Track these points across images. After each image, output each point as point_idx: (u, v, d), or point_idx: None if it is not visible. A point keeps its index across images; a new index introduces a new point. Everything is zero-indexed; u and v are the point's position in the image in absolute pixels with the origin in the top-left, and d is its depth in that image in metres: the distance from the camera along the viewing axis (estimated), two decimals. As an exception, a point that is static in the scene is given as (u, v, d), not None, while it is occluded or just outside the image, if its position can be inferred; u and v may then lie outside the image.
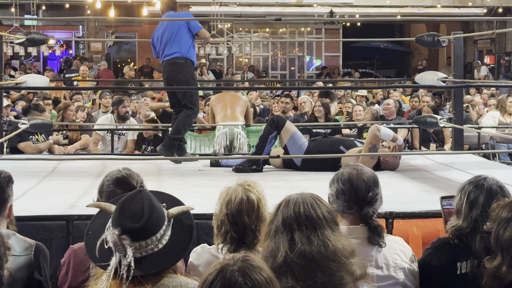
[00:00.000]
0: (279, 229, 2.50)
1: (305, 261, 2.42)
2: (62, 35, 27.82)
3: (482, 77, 23.16)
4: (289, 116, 10.69)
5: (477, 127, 10.23)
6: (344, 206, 3.21)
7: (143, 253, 2.38)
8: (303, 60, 29.18)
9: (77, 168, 6.95)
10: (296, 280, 2.39)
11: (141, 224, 2.37)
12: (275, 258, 2.44)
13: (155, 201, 2.46)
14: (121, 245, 2.35)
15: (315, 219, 2.51)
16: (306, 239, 2.46)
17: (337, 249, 2.47)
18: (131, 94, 13.61)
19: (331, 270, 2.43)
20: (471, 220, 3.16)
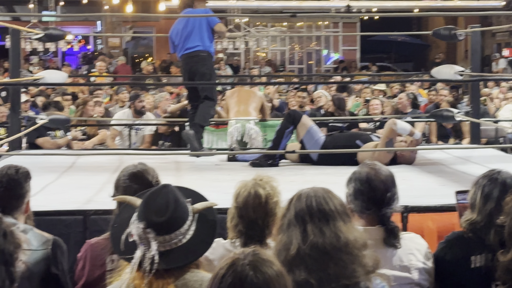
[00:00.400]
0: (292, 222, 2.52)
1: (318, 253, 2.43)
2: (80, 30, 27.94)
3: (501, 70, 23.00)
4: (306, 110, 10.69)
5: (494, 121, 10.19)
6: (362, 207, 3.20)
7: (167, 247, 2.40)
8: (320, 54, 29.13)
9: (95, 163, 6.99)
10: (309, 273, 2.40)
11: (165, 218, 2.40)
12: (288, 251, 2.45)
13: (180, 196, 2.49)
14: (146, 238, 2.38)
15: (327, 212, 2.52)
16: (319, 231, 2.47)
17: (349, 241, 2.48)
18: (148, 89, 13.66)
19: (344, 262, 2.43)
20: (486, 213, 3.16)
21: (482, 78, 8.94)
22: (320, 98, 11.26)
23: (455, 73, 7.61)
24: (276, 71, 25.37)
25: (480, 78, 8.19)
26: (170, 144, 9.81)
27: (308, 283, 2.39)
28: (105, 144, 9.70)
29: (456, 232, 3.39)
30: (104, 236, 3.27)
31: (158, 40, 27.53)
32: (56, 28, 8.70)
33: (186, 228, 2.45)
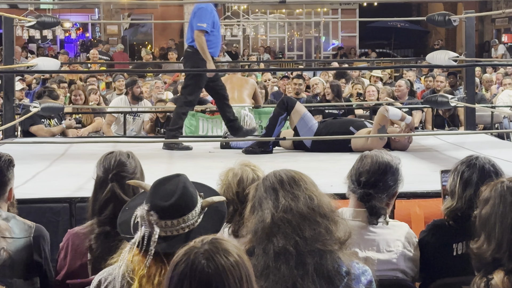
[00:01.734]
0: (263, 196, 2.50)
1: (292, 215, 2.42)
2: (78, 18, 27.88)
3: (500, 55, 22.96)
4: (302, 97, 10.66)
5: (490, 106, 10.17)
6: (349, 187, 3.26)
7: (168, 232, 2.41)
8: (319, 41, 29.07)
9: (88, 151, 6.96)
10: (286, 239, 2.38)
11: (169, 203, 2.41)
12: (264, 223, 2.43)
13: (190, 186, 2.48)
14: (148, 221, 2.39)
15: (298, 179, 2.52)
16: (291, 195, 2.47)
17: (322, 202, 2.48)
18: (145, 76, 13.65)
19: (318, 223, 2.42)
20: (465, 200, 3.16)
21: (476, 64, 8.91)
22: (317, 85, 11.22)
23: (450, 59, 7.57)
24: (275, 58, 25.33)
25: (474, 63, 8.16)
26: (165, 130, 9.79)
27: (286, 251, 2.37)
28: (100, 132, 9.68)
29: (437, 220, 3.39)
30: (87, 224, 3.25)
31: (156, 27, 27.49)
32: (49, 15, 8.68)
33: (192, 218, 2.44)
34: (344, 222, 2.51)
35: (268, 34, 28.36)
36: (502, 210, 2.53)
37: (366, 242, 3.17)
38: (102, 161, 3.29)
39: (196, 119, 9.57)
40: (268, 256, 2.37)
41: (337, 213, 2.51)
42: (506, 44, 24.70)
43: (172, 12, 26.05)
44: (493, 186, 2.61)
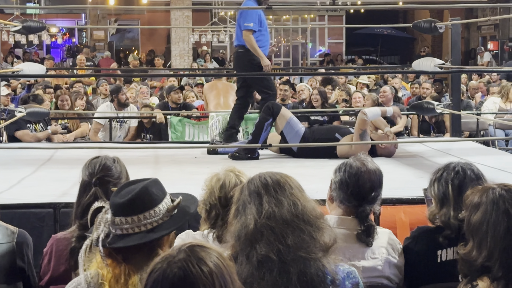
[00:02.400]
0: (247, 200, 2.46)
1: (275, 222, 2.38)
2: (64, 23, 27.80)
3: (485, 63, 23.07)
4: (288, 103, 10.67)
5: (475, 113, 10.21)
6: (343, 198, 3.21)
7: (124, 230, 2.42)
8: (306, 47, 29.12)
9: (74, 156, 6.94)
10: (268, 246, 2.34)
11: (124, 200, 2.42)
12: (247, 229, 2.40)
13: (155, 187, 2.49)
14: (103, 218, 2.43)
15: (282, 183, 2.47)
16: (275, 200, 2.42)
17: (306, 208, 2.44)
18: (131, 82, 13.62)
19: (302, 230, 2.38)
20: (451, 206, 3.16)
21: (462, 70, 8.94)
22: (303, 91, 11.24)
23: (436, 66, 7.60)
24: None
25: (460, 70, 8.19)
26: (151, 136, 9.78)
27: (268, 259, 2.33)
28: (86, 137, 9.65)
29: (421, 227, 3.38)
30: (71, 229, 3.23)
31: (143, 32, 27.46)
32: (35, 20, 8.65)
33: (150, 216, 2.44)
34: (329, 229, 2.47)
35: (255, 40, 28.35)
36: (494, 218, 2.51)
37: (351, 250, 3.16)
38: (87, 165, 3.28)
39: (182, 124, 9.55)
40: (252, 264, 2.34)
41: (322, 219, 2.47)
42: (492, 52, 24.83)
43: (159, 17, 26.03)
44: (483, 192, 2.59)
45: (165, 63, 20.74)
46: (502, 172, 5.53)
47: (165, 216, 2.48)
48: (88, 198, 3.14)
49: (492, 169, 5.44)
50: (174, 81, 13.08)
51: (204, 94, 9.41)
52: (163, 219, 2.47)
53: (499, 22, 25.53)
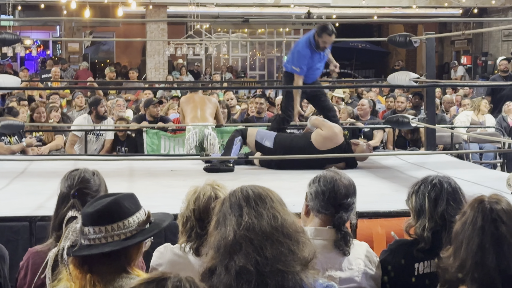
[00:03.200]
0: (227, 212, 2.46)
1: (254, 234, 2.37)
2: (39, 35, 27.69)
3: (459, 77, 23.27)
4: (264, 116, 10.69)
5: (450, 127, 10.29)
6: (320, 206, 3.23)
7: (91, 241, 2.43)
8: (281, 60, 29.19)
9: (49, 169, 6.89)
10: (247, 257, 2.34)
11: (93, 210, 2.44)
12: (226, 240, 2.39)
13: (127, 200, 2.50)
14: (72, 227, 2.48)
15: (264, 196, 2.47)
16: (255, 213, 2.41)
17: (286, 221, 2.43)
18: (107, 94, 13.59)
19: (280, 243, 2.37)
20: (438, 217, 3.19)
21: (436, 84, 9.01)
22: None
23: (411, 80, 7.65)
24: (237, 77, 25.38)
25: (434, 84, 8.25)
26: (126, 149, 9.74)
27: (246, 270, 2.33)
28: (61, 150, 9.58)
29: (399, 240, 3.41)
30: (47, 243, 3.21)
31: (118, 45, 27.38)
32: (9, 32, 8.61)
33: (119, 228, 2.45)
34: (309, 243, 2.47)
35: (230, 53, 28.44)
36: (470, 232, 2.53)
37: (328, 260, 3.18)
38: (66, 177, 3.27)
39: (158, 137, 9.54)
40: (230, 275, 2.33)
41: (302, 233, 2.47)
42: (465, 66, 25.05)
43: (134, 30, 25.99)
44: (474, 202, 2.62)
45: (140, 76, 20.69)
46: (476, 186, 5.57)
47: (135, 230, 2.48)
48: (66, 210, 3.12)
49: (466, 182, 5.48)
50: (149, 94, 13.07)
51: (180, 107, 9.39)
52: (131, 232, 2.47)
53: (472, 37, 25.78)
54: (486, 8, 23.39)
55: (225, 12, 23.86)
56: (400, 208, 4.49)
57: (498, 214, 2.56)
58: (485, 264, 2.48)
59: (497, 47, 24.48)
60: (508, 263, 2.48)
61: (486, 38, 25.32)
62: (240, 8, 23.75)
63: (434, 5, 23.00)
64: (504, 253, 2.50)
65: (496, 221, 2.54)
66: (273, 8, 23.82)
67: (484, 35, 25.22)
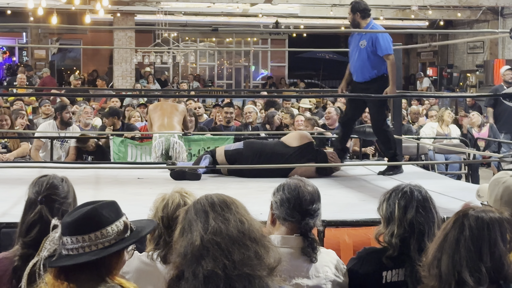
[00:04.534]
0: (193, 219, 2.45)
1: (221, 238, 2.37)
2: (5, 41, 27.44)
3: (425, 88, 23.51)
4: (232, 125, 10.70)
5: (416, 138, 10.37)
6: (286, 214, 3.24)
7: (69, 251, 2.42)
8: (249, 70, 29.26)
9: (14, 176, 6.83)
10: (214, 262, 2.34)
11: (70, 220, 2.43)
12: (193, 245, 2.38)
13: (108, 210, 2.49)
14: (51, 237, 2.45)
15: (230, 202, 2.48)
16: (222, 217, 2.42)
17: (253, 226, 2.44)
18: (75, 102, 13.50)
19: (248, 247, 2.38)
20: (407, 223, 3.22)
21: (403, 95, 9.09)
22: (250, 114, 11.30)
23: (377, 90, 7.68)
24: (204, 86, 25.38)
25: (402, 95, 8.32)
26: (93, 157, 9.68)
27: (214, 274, 2.33)
28: (27, 157, 9.49)
29: (367, 248, 3.44)
30: (13, 250, 3.17)
31: (85, 52, 27.26)
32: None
33: (96, 238, 2.44)
34: (275, 249, 2.48)
35: (198, 62, 28.44)
36: (454, 246, 2.51)
37: (295, 268, 3.18)
38: (34, 183, 3.24)
39: (125, 145, 9.50)
40: (198, 280, 2.33)
41: (267, 239, 2.48)
42: (431, 78, 25.31)
43: (101, 38, 25.88)
44: (457, 214, 2.61)
45: (107, 84, 20.60)
46: (442, 196, 5.62)
47: (113, 239, 2.47)
48: (33, 216, 3.10)
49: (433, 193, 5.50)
50: (116, 102, 13.02)
51: (148, 115, 9.37)
52: (110, 242, 2.45)
53: (438, 49, 26.07)
54: (452, 21, 23.65)
55: (193, 20, 23.87)
56: (367, 217, 4.53)
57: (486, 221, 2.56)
58: None
59: (462, 59, 24.78)
60: None
61: (452, 50, 25.61)
62: (208, 17, 23.78)
63: (400, 17, 23.19)
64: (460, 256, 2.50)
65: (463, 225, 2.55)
66: (241, 17, 23.88)
67: (449, 47, 25.52)
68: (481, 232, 2.48)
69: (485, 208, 2.63)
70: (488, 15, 22.34)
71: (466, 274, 2.43)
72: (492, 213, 2.55)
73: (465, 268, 2.43)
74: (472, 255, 2.45)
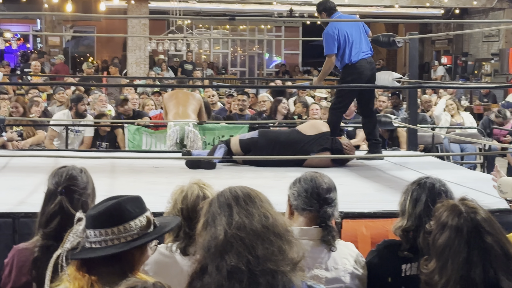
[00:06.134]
0: (217, 212, 2.44)
1: (245, 233, 2.36)
2: (19, 28, 27.47)
3: (439, 77, 23.38)
4: (246, 114, 10.67)
5: (431, 127, 10.32)
6: (304, 203, 3.25)
7: (92, 244, 2.44)
8: (262, 58, 29.20)
9: (30, 164, 6.84)
10: (238, 257, 2.33)
11: (95, 213, 2.45)
12: (217, 240, 2.38)
13: (132, 205, 2.51)
14: (75, 230, 2.48)
15: (253, 196, 2.46)
16: (246, 212, 2.40)
17: (277, 221, 2.43)
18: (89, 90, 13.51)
19: (271, 242, 2.37)
20: (415, 218, 3.20)
21: (419, 85, 9.02)
22: (265, 102, 11.27)
23: (393, 79, 7.66)
24: (218, 74, 25.35)
25: (418, 85, 8.27)
26: (107, 144, 9.70)
27: (238, 270, 2.32)
28: (42, 145, 9.51)
29: (387, 240, 3.42)
30: (33, 240, 3.19)
31: (99, 40, 27.26)
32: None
33: (118, 233, 2.45)
34: (298, 243, 2.46)
35: (211, 50, 28.40)
36: (456, 246, 2.51)
37: (313, 260, 3.18)
38: (54, 174, 3.26)
39: (139, 133, 9.50)
40: (221, 275, 2.33)
41: (291, 234, 2.46)
42: (445, 66, 25.17)
43: (115, 25, 25.89)
44: (451, 212, 2.57)
45: (121, 71, 20.60)
46: (458, 186, 5.58)
47: (136, 234, 2.47)
48: (53, 207, 3.12)
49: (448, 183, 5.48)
50: (130, 89, 13.01)
51: (163, 103, 9.36)
52: (133, 236, 2.46)
53: (453, 37, 25.92)
54: (467, 9, 23.51)
55: (207, 8, 23.83)
56: (384, 208, 4.51)
57: (481, 224, 2.54)
58: (471, 278, 2.46)
59: (477, 47, 24.63)
60: (496, 275, 2.46)
61: (467, 38, 25.46)
62: (222, 5, 23.73)
63: (415, 4, 23.08)
64: (491, 264, 2.47)
65: (481, 232, 2.52)
66: (255, 5, 23.82)
67: (464, 36, 25.36)
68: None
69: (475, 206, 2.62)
70: (503, 3, 22.20)
71: None
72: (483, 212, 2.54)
73: None
74: None
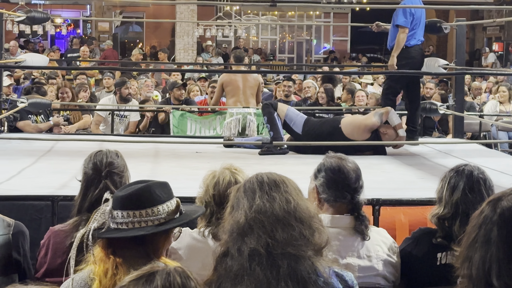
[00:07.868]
0: (241, 196, 2.45)
1: (266, 217, 2.36)
2: (69, 14, 27.75)
3: (490, 64, 23.03)
4: (292, 100, 10.63)
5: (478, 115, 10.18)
6: (336, 196, 3.19)
7: (119, 225, 2.45)
8: (311, 44, 29.08)
9: (74, 148, 6.92)
10: (257, 239, 2.33)
11: (123, 194, 2.46)
12: (238, 223, 2.38)
13: (160, 190, 2.52)
14: (102, 210, 2.50)
15: (279, 182, 2.45)
16: (268, 196, 2.40)
17: (299, 205, 2.41)
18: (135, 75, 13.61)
19: (292, 227, 2.35)
20: (452, 205, 3.14)
21: (466, 72, 8.91)
22: (309, 88, 11.21)
23: (440, 66, 7.57)
24: (266, 60, 25.32)
25: (464, 72, 8.16)
26: (153, 130, 9.76)
27: (257, 253, 2.32)
28: (88, 129, 9.62)
29: (423, 228, 3.37)
30: (69, 222, 3.22)
31: (147, 25, 27.41)
32: (39, 10, 8.62)
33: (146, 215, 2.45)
34: (323, 230, 2.44)
35: (259, 36, 28.36)
36: (481, 242, 2.19)
37: (346, 249, 3.15)
38: (91, 158, 3.28)
39: (184, 119, 9.53)
40: (243, 257, 2.33)
41: (316, 219, 2.44)
42: (497, 53, 24.78)
43: (164, 11, 26.00)
44: (486, 205, 2.36)
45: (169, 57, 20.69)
46: (504, 175, 5.51)
47: (163, 218, 2.48)
48: (98, 192, 3.14)
49: (493, 171, 5.41)
50: (177, 75, 13.06)
51: (219, 86, 9.17)
52: (159, 220, 2.47)
53: (505, 24, 25.46)
54: (520, -5, 23.10)
55: (255, -6, 23.78)
56: (424, 196, 4.45)
57: None
58: None
59: (530, 34, 24.20)
60: None
61: (519, 25, 25.03)
62: (271, -10, 23.62)
63: (467, -10, 22.73)
64: None
65: None
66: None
67: (516, 22, 24.93)
68: None
69: None
70: (557, -11, 21.75)
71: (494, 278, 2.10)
72: None
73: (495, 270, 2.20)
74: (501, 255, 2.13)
